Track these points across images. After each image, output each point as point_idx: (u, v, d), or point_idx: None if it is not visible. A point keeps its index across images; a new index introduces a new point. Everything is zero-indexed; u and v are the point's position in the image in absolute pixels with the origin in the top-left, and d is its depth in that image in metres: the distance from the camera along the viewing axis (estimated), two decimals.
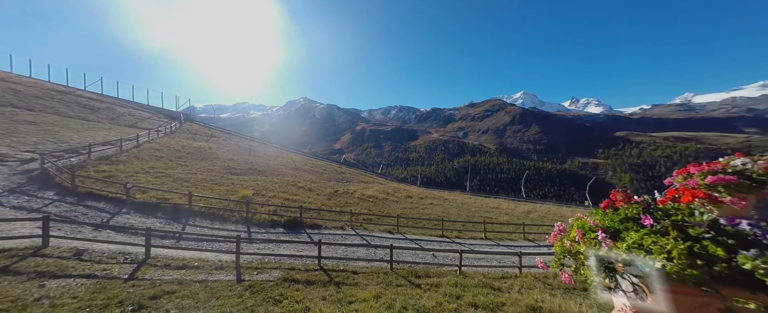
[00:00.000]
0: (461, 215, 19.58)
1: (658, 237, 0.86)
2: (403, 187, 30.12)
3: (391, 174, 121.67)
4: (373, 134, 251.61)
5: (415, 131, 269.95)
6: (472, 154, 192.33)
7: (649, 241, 0.87)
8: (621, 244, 0.91)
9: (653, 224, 0.89)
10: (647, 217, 0.91)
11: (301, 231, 11.64)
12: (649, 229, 0.90)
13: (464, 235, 14.82)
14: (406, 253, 10.35)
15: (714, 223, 0.86)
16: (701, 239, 0.82)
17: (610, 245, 0.92)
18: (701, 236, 0.83)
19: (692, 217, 0.89)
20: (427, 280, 7.63)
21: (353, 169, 38.77)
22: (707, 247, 0.80)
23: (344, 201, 17.88)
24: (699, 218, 0.88)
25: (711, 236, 0.82)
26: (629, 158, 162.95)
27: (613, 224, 1.02)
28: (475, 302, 6.20)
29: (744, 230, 0.82)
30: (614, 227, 1.00)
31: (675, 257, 0.80)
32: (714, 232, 0.83)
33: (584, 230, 1.05)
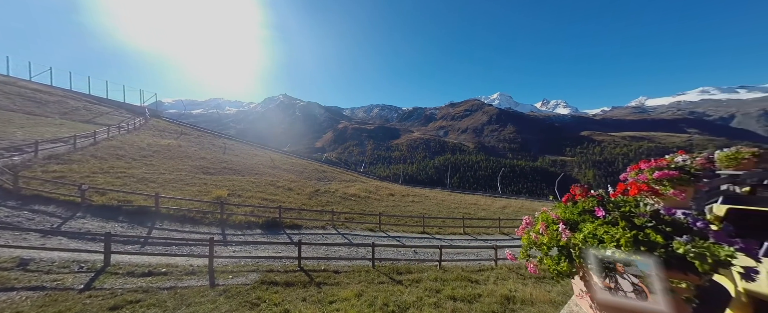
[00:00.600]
0: (441, 211, 20.10)
1: (609, 227, 0.95)
2: (386, 185, 30.28)
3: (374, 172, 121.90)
4: (355, 133, 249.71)
5: (398, 130, 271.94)
6: (452, 152, 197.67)
7: (602, 231, 0.95)
8: (578, 234, 0.99)
9: (605, 216, 0.98)
10: (600, 209, 0.99)
11: (281, 232, 11.30)
12: (602, 220, 0.98)
13: (444, 231, 15.25)
14: (388, 250, 10.44)
15: (655, 213, 0.96)
16: (644, 228, 0.91)
17: (568, 236, 0.99)
18: (644, 225, 0.92)
19: (637, 208, 0.99)
20: (409, 276, 7.77)
21: (335, 167, 38.25)
22: (649, 235, 0.89)
23: (326, 200, 17.62)
24: (643, 209, 0.98)
25: (652, 224, 0.92)
26: (592, 155, 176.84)
27: (572, 216, 1.10)
28: (454, 295, 6.42)
29: (679, 219, 0.93)
30: (573, 219, 1.08)
31: (622, 244, 0.88)
32: (655, 221, 0.93)
33: (547, 223, 1.12)
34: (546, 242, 1.09)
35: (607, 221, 0.99)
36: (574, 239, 0.99)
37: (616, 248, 0.90)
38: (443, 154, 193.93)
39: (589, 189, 1.17)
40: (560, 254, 1.04)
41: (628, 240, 0.89)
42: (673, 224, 0.92)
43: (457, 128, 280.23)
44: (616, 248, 0.90)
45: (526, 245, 1.20)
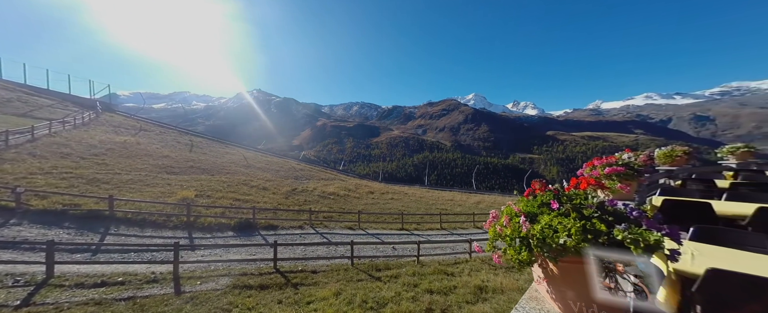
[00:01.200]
0: (420, 208, 20.55)
1: (562, 218, 1.04)
2: (365, 183, 30.23)
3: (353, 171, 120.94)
4: (334, 130, 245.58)
5: (377, 128, 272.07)
6: (430, 150, 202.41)
7: (556, 222, 1.04)
8: (536, 226, 1.07)
9: (559, 208, 1.07)
10: (555, 202, 1.08)
11: (255, 233, 10.83)
12: (557, 212, 1.07)
13: (422, 227, 15.62)
14: (367, 248, 10.47)
15: (600, 205, 1.07)
16: (591, 218, 1.01)
17: (528, 227, 1.07)
18: (591, 215, 1.02)
19: (586, 200, 1.10)
20: (387, 272, 7.86)
21: (313, 166, 37.38)
22: (595, 224, 0.99)
23: (303, 199, 17.17)
24: (590, 201, 1.09)
25: (598, 215, 1.03)
26: (556, 153, 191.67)
27: (532, 209, 1.19)
28: (431, 288, 6.63)
29: (619, 209, 1.05)
30: (533, 212, 1.16)
31: (573, 233, 0.97)
32: (600, 211, 1.04)
33: (511, 216, 1.20)
34: (509, 233, 1.17)
35: (561, 212, 1.08)
36: (533, 230, 1.08)
37: (567, 236, 0.99)
38: (422, 152, 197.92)
39: (547, 184, 1.27)
40: (521, 244, 1.12)
41: (578, 229, 0.99)
42: (615, 213, 1.04)
43: (435, 127, 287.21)
44: (568, 236, 0.99)
45: (492, 237, 1.28)
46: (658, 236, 0.92)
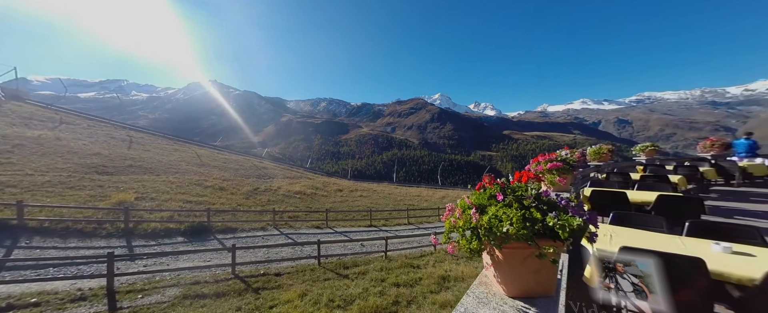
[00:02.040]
0: (388, 204, 20.87)
1: (506, 209, 1.15)
2: (334, 181, 29.65)
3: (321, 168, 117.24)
4: (301, 127, 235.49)
5: (346, 125, 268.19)
6: (399, 148, 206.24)
7: (501, 212, 1.14)
8: (485, 216, 1.16)
9: (503, 199, 1.18)
10: (500, 194, 1.19)
11: (210, 238, 9.93)
12: (502, 203, 1.18)
13: (390, 222, 15.90)
14: (335, 246, 10.32)
15: (537, 195, 1.20)
16: (530, 208, 1.13)
17: (477, 218, 1.16)
18: (530, 205, 1.15)
19: (526, 192, 1.22)
20: (355, 269, 7.86)
21: (278, 164, 35.43)
22: (532, 212, 1.11)
23: (266, 199, 16.21)
24: (529, 192, 1.22)
25: (535, 204, 1.15)
26: (511, 150, 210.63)
27: (482, 201, 1.29)
28: (398, 282, 6.81)
29: (552, 199, 1.19)
30: (482, 204, 1.26)
31: (514, 222, 1.08)
32: (537, 201, 1.17)
33: (464, 209, 1.29)
34: (461, 225, 1.25)
35: (506, 203, 1.19)
36: (482, 221, 1.17)
37: (510, 225, 1.10)
38: (391, 149, 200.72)
39: (495, 178, 1.39)
40: (472, 234, 1.21)
41: (518, 218, 1.10)
42: (548, 203, 1.18)
43: (403, 125, 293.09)
44: (510, 225, 1.10)
45: (448, 229, 1.36)
46: (580, 221, 1.07)
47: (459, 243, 1.27)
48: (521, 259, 1.15)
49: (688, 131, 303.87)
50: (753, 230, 2.24)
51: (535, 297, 1.20)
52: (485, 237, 1.14)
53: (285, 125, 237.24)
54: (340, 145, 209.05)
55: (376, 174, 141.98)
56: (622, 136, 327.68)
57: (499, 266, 1.23)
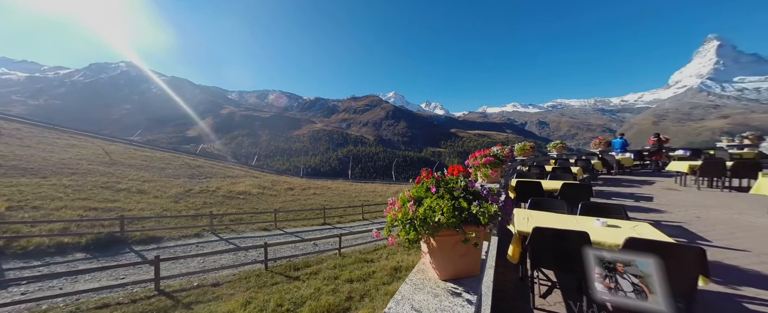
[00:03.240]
0: (343, 201, 20.62)
1: (439, 200, 1.25)
2: (284, 179, 27.84)
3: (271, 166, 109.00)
4: (246, 120, 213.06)
5: (299, 120, 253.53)
6: (354, 144, 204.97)
7: (435, 204, 1.24)
8: (420, 208, 1.24)
9: (436, 191, 1.28)
10: (433, 186, 1.29)
11: (124, 251, 8.28)
12: (436, 195, 1.28)
13: (345, 219, 15.77)
14: (284, 248, 9.74)
15: (465, 187, 1.34)
16: (458, 198, 1.26)
17: (414, 210, 1.24)
18: (459, 196, 1.27)
19: (457, 184, 1.35)
20: (307, 270, 7.58)
21: (217, 161, 31.45)
22: (461, 202, 1.23)
23: (202, 202, 14.28)
24: (459, 184, 1.35)
25: (463, 195, 1.28)
26: (457, 147, 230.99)
27: (421, 194, 1.37)
28: (351, 278, 6.83)
29: (477, 189, 1.34)
30: (419, 196, 1.34)
31: (445, 212, 1.18)
32: (465, 192, 1.30)
33: (403, 202, 1.35)
34: (400, 217, 1.31)
35: (439, 195, 1.30)
36: (418, 212, 1.25)
37: (441, 215, 1.20)
38: (346, 146, 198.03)
39: (432, 172, 1.50)
40: (410, 225, 1.28)
41: (449, 208, 1.21)
42: (473, 193, 1.33)
43: (358, 121, 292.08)
44: (442, 215, 1.20)
45: (389, 222, 1.41)
46: (496, 208, 1.24)
47: (399, 235, 1.33)
48: (452, 245, 1.28)
49: (586, 132, 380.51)
50: (620, 207, 2.94)
51: (463, 278, 1.34)
52: (420, 227, 1.23)
53: (226, 118, 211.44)
54: (292, 141, 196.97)
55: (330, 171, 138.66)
56: (542, 135, 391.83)
57: (434, 252, 1.34)
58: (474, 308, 1.14)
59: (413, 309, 1.11)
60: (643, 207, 5.01)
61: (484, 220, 1.19)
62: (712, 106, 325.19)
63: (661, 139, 9.36)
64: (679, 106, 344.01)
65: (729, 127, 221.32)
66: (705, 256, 1.78)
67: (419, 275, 1.41)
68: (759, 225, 3.88)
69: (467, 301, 1.16)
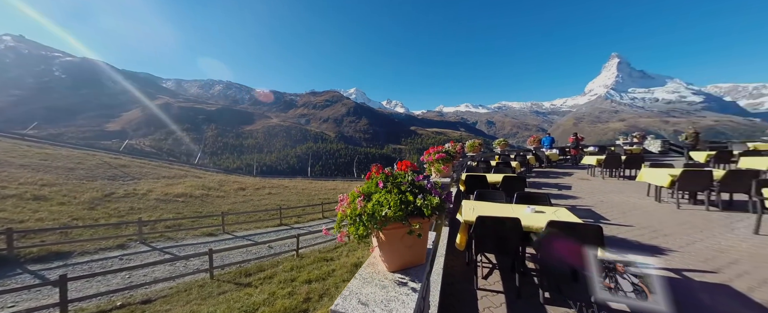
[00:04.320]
0: (302, 200, 19.75)
1: (387, 195, 1.28)
2: (234, 178, 25.38)
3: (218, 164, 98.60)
4: (186, 113, 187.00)
5: (252, 114, 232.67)
6: (314, 141, 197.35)
7: (383, 198, 1.27)
8: (369, 204, 1.26)
9: (384, 186, 1.32)
10: (381, 182, 1.32)
11: (14, 272, 6.60)
12: (384, 190, 1.31)
13: (304, 219, 15.15)
14: (234, 253, 8.94)
15: (412, 181, 1.41)
16: (405, 192, 1.31)
17: (362, 205, 1.25)
18: (405, 190, 1.33)
19: (404, 179, 1.41)
20: (260, 275, 7.09)
21: (148, 160, 27.02)
22: (407, 196, 1.29)
23: (128, 207, 12.18)
24: (406, 179, 1.41)
25: (409, 189, 1.34)
26: (417, 144, 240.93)
27: (370, 189, 1.39)
28: (310, 278, 6.62)
29: (422, 183, 1.42)
30: (369, 191, 1.36)
31: (392, 206, 1.22)
32: (411, 186, 1.36)
33: (353, 198, 1.35)
34: (349, 213, 1.32)
35: (387, 189, 1.34)
36: (366, 208, 1.27)
37: (389, 209, 1.24)
38: (305, 142, 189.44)
39: (382, 168, 1.53)
40: (359, 221, 1.29)
41: (396, 202, 1.26)
42: (419, 187, 1.41)
43: (319, 117, 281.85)
44: (389, 209, 1.24)
45: (340, 219, 1.41)
46: (439, 200, 1.33)
47: (348, 231, 1.34)
48: (400, 237, 1.33)
49: (525, 131, 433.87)
50: (546, 195, 3.44)
51: (410, 267, 1.41)
52: (368, 222, 1.25)
53: (160, 110, 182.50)
54: (244, 137, 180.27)
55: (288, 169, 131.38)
56: (490, 134, 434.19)
57: (383, 246, 1.38)
58: (418, 294, 1.21)
59: (360, 303, 1.13)
60: (563, 195, 5.95)
61: (427, 212, 1.27)
62: (613, 112, 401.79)
63: (578, 138, 11.25)
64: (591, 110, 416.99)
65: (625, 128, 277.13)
66: (602, 232, 2.20)
67: (369, 268, 1.44)
68: (640, 205, 4.94)
69: (412, 289, 1.23)
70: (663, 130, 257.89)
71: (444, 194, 1.38)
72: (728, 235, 3.49)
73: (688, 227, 3.77)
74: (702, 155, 7.30)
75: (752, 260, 2.86)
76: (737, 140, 11.26)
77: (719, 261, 2.85)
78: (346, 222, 1.39)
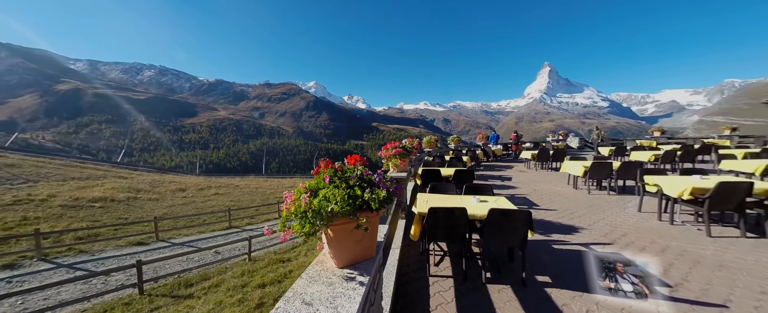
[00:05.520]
0: (255, 200, 18.32)
1: (334, 190, 1.25)
2: (172, 178, 22.23)
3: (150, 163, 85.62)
4: (105, 102, 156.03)
5: (193, 106, 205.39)
6: (270, 136, 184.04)
7: (330, 193, 1.23)
8: (315, 200, 1.21)
9: (331, 181, 1.28)
10: (327, 177, 1.28)
11: None
12: (332, 185, 1.27)
13: (258, 219, 14.10)
14: (171, 263, 7.87)
15: (361, 175, 1.40)
16: (354, 186, 1.29)
17: (307, 202, 1.19)
18: (354, 184, 1.31)
19: (353, 173, 1.39)
20: (205, 284, 6.40)
21: (48, 158, 21.84)
22: (355, 190, 1.27)
23: (20, 217, 9.77)
24: (355, 173, 1.39)
25: (358, 183, 1.33)
26: (378, 140, 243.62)
27: (318, 185, 1.33)
28: (264, 282, 6.21)
29: (371, 177, 1.42)
30: (317, 187, 1.31)
31: (339, 201, 1.19)
32: (360, 181, 1.35)
33: (298, 194, 1.28)
34: (293, 210, 1.25)
35: (335, 185, 1.31)
36: (312, 204, 1.22)
37: (335, 204, 1.21)
38: (260, 137, 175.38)
39: (331, 162, 1.49)
40: (303, 219, 1.24)
41: (343, 197, 1.23)
42: (368, 181, 1.41)
43: (274, 111, 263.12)
44: (335, 204, 1.21)
45: (284, 217, 1.32)
46: (386, 193, 1.35)
47: (293, 228, 1.27)
48: (348, 232, 1.31)
49: (476, 129, 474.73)
50: (489, 186, 3.80)
51: (360, 262, 1.41)
52: (313, 219, 1.20)
53: (67, 97, 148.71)
54: (184, 131, 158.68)
55: (240, 167, 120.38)
56: (446, 131, 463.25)
57: (331, 242, 1.34)
58: (366, 288, 1.22)
59: (304, 303, 1.08)
60: (505, 185, 6.68)
61: (375, 205, 1.27)
62: (546, 113, 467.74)
63: (517, 136, 12.80)
64: (529, 111, 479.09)
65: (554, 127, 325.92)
66: (531, 217, 2.52)
67: (317, 266, 1.40)
68: (562, 192, 5.84)
69: (360, 283, 1.23)
70: (581, 129, 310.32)
71: (393, 187, 1.41)
72: (621, 213, 4.35)
73: (595, 209, 4.59)
74: (606, 150, 9.01)
75: (636, 231, 3.62)
76: (630, 138, 14.28)
77: (614, 234, 3.54)
78: (292, 220, 1.32)
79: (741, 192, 3.29)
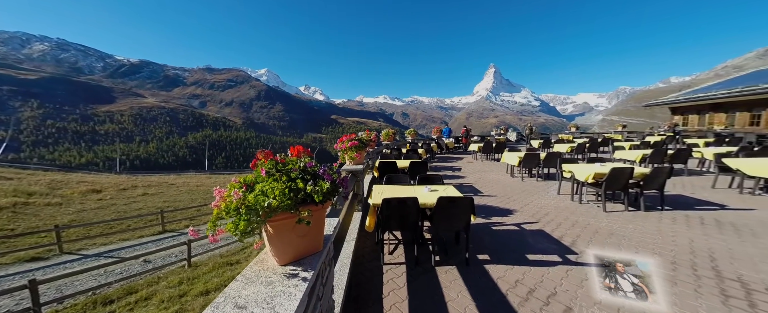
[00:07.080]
0: (195, 199, 16.28)
1: (274, 183, 1.15)
2: (80, 178, 18.26)
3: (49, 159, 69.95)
4: None
5: (109, 90, 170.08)
6: (214, 128, 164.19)
7: (268, 187, 1.13)
8: (250, 194, 1.10)
9: (269, 174, 1.18)
10: (263, 169, 1.18)
11: None
12: (271, 178, 1.18)
13: (199, 221, 12.60)
14: (84, 278, 6.57)
15: (304, 168, 1.33)
16: (296, 179, 1.22)
17: (239, 196, 1.08)
18: (296, 177, 1.23)
19: (295, 165, 1.31)
20: (130, 298, 5.50)
21: None
22: (297, 183, 1.20)
23: None
24: (297, 165, 1.32)
25: (301, 176, 1.25)
26: (338, 133, 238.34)
27: (256, 179, 1.22)
28: (207, 289, 5.63)
29: (314, 169, 1.36)
30: (254, 181, 1.20)
31: (277, 195, 1.10)
32: (303, 174, 1.28)
33: (230, 189, 1.15)
34: (224, 207, 1.12)
35: (275, 178, 1.21)
36: (247, 200, 1.11)
37: (273, 198, 1.12)
38: (201, 129, 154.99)
39: (272, 154, 1.37)
40: (237, 216, 1.12)
41: (282, 190, 1.15)
42: (312, 173, 1.35)
43: (219, 100, 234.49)
44: (274, 198, 1.12)
45: (215, 216, 1.18)
46: (329, 185, 1.30)
47: (226, 228, 1.14)
48: (290, 228, 1.24)
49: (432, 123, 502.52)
50: (440, 177, 4.04)
51: (305, 257, 1.36)
52: (247, 215, 1.10)
53: None
54: (99, 121, 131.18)
55: (176, 162, 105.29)
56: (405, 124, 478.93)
57: (272, 239, 1.25)
58: (309, 283, 1.17)
59: (237, 307, 0.99)
60: (454, 175, 7.23)
61: (318, 198, 1.23)
62: (491, 110, 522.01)
63: (467, 130, 13.99)
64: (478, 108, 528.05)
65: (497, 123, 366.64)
66: (473, 202, 2.76)
67: (256, 266, 1.30)
68: (501, 180, 6.58)
69: (303, 279, 1.18)
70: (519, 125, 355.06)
71: (338, 179, 1.37)
72: (545, 196, 5.12)
73: (526, 193, 5.30)
74: (536, 143, 10.49)
75: (555, 211, 4.29)
76: (554, 133, 17.16)
77: (539, 214, 4.14)
78: (224, 219, 1.19)
79: (626, 175, 4.15)
